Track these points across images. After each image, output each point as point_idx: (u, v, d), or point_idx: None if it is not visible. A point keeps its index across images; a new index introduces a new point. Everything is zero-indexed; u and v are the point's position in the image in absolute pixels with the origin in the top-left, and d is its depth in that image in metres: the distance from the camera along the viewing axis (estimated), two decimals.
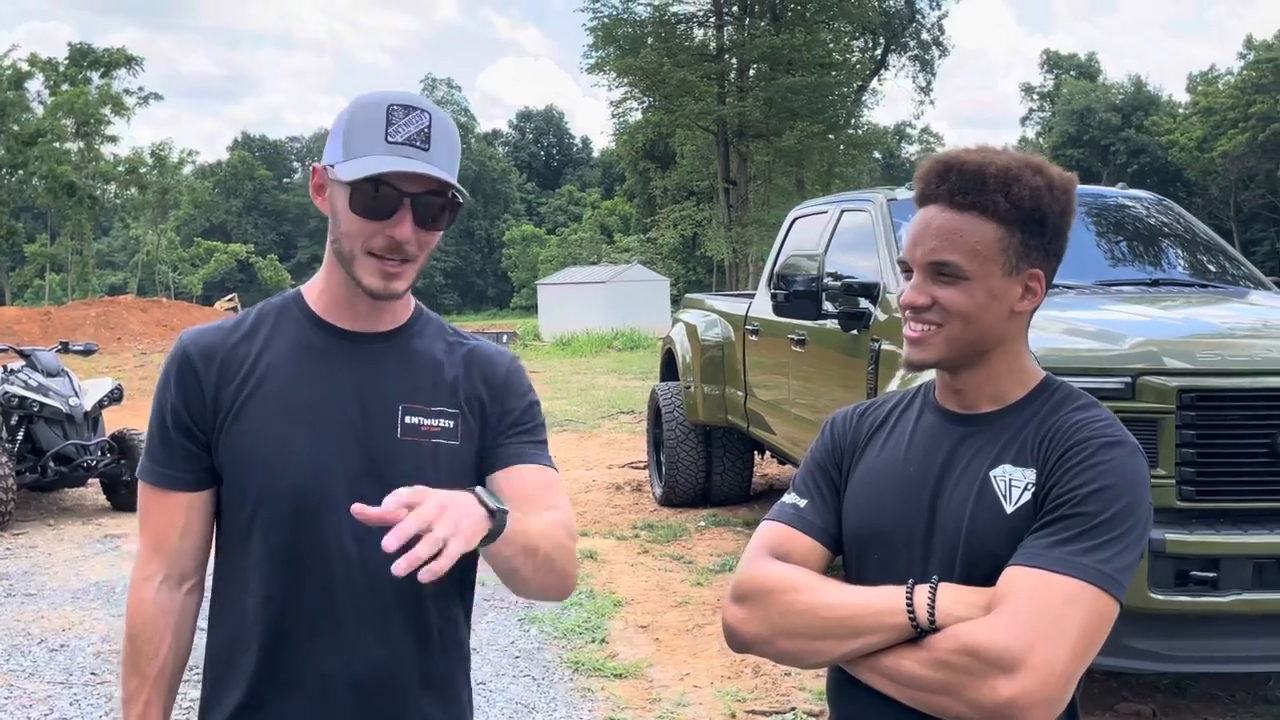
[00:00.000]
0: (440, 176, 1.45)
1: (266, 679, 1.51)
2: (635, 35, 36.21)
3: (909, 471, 1.48)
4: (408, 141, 1.45)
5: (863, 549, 1.50)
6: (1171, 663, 3.63)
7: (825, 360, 5.72)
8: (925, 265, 1.43)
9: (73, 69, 56.66)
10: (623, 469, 9.90)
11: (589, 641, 5.10)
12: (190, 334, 1.58)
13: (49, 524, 7.96)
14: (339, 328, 1.56)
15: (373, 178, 1.43)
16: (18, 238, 56.94)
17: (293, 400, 1.51)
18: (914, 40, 43.79)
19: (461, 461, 1.57)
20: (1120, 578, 1.31)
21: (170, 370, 1.56)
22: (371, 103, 1.48)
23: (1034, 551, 1.32)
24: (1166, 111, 62.51)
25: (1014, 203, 1.40)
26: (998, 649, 1.25)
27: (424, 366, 1.59)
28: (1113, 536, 1.31)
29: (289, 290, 1.65)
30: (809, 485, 1.57)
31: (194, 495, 1.56)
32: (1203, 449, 3.61)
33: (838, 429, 1.61)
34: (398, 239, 1.46)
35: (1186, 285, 5.19)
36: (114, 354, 26.19)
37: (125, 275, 74.09)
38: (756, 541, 1.53)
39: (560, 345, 31.30)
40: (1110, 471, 1.34)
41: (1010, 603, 1.28)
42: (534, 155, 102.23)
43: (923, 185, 1.46)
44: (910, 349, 1.46)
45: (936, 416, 1.51)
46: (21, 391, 7.81)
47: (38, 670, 4.80)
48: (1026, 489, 1.38)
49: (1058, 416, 1.42)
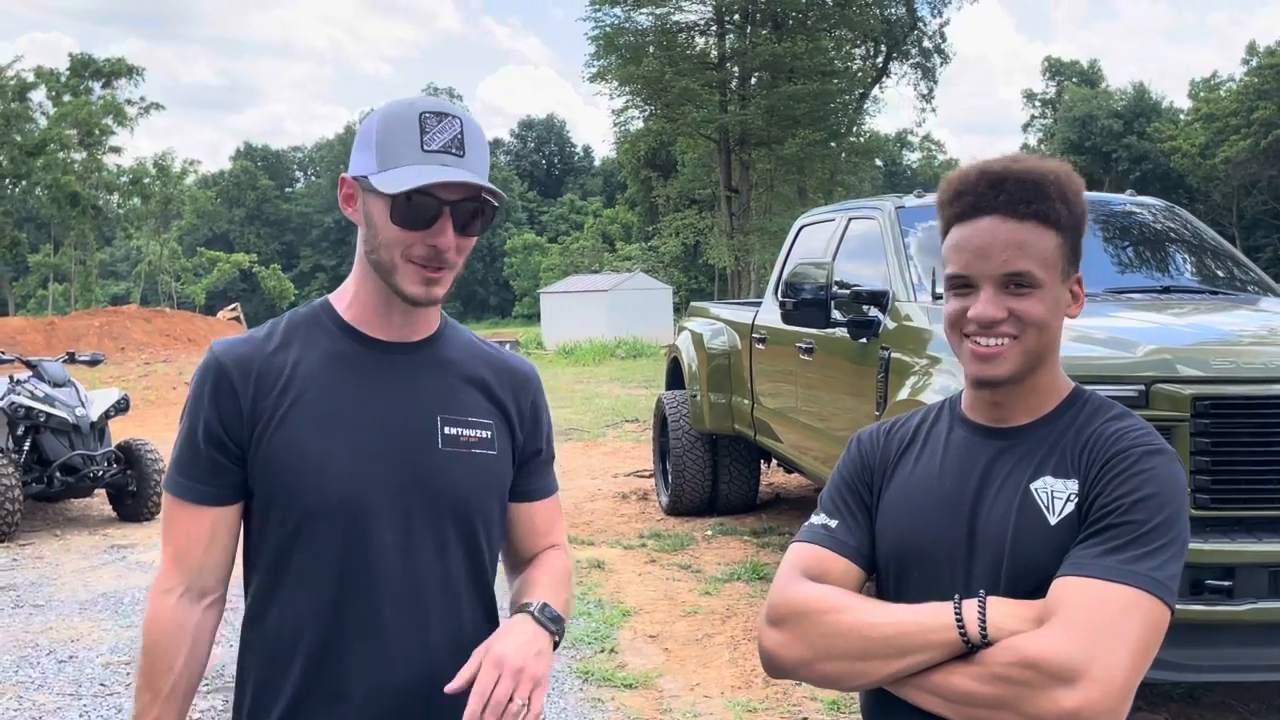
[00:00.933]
0: (482, 184, 1.46)
1: (312, 691, 1.50)
2: (637, 44, 36.25)
3: (945, 487, 1.46)
4: (444, 149, 1.45)
5: (902, 567, 1.48)
6: (1185, 671, 3.61)
7: (834, 369, 5.71)
8: (997, 278, 1.39)
9: (74, 79, 56.77)
10: (628, 478, 9.89)
11: (598, 651, 5.08)
12: (222, 345, 1.56)
13: (56, 534, 7.95)
14: (373, 338, 1.56)
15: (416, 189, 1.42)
16: (21, 248, 56.95)
17: (333, 412, 1.49)
18: (915, 48, 43.79)
19: (498, 471, 1.59)
20: (1171, 585, 1.31)
21: (205, 382, 1.52)
22: (402, 111, 1.47)
23: (1085, 561, 1.31)
24: (1169, 118, 62.54)
25: (1070, 210, 1.41)
26: (1059, 660, 1.24)
27: (457, 376, 1.59)
28: (1161, 544, 1.31)
29: (315, 300, 1.64)
30: (838, 505, 1.55)
31: (221, 509, 1.53)
32: (1217, 457, 3.59)
33: (865, 447, 1.59)
34: (440, 247, 1.46)
35: (1197, 292, 5.17)
36: (118, 364, 26.20)
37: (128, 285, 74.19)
38: (789, 563, 1.51)
39: (563, 354, 31.30)
40: (1154, 479, 1.34)
41: (1066, 613, 1.27)
42: (535, 164, 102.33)
43: (974, 197, 1.42)
44: (982, 366, 1.41)
45: (968, 431, 1.50)
46: (28, 402, 7.81)
47: (46, 682, 4.78)
48: (1069, 500, 1.37)
49: (1094, 426, 1.41)
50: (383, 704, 1.51)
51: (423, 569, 1.52)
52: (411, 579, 1.50)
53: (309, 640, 1.50)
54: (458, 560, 1.54)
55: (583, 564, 6.56)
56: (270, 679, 1.52)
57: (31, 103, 54.55)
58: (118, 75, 57.77)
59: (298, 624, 1.50)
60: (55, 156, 52.66)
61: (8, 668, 4.96)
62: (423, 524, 1.51)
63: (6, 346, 26.41)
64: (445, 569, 1.53)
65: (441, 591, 1.53)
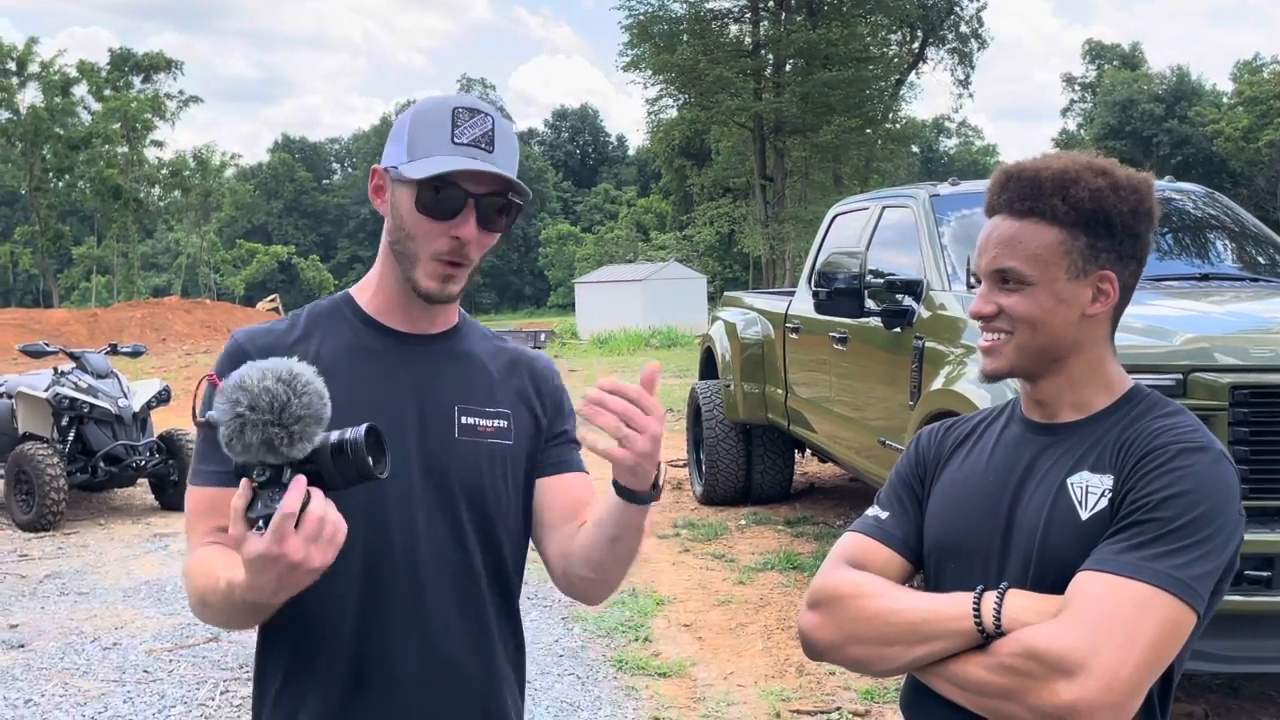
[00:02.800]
0: (508, 176, 1.48)
1: (335, 678, 1.51)
2: (671, 32, 36.21)
3: (988, 481, 1.48)
4: (474, 143, 1.48)
5: (940, 559, 1.50)
6: (1224, 663, 3.58)
7: (868, 358, 5.69)
8: (989, 274, 1.44)
9: (115, 74, 57.56)
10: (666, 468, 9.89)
11: (632, 640, 5.11)
12: (245, 333, 1.57)
13: (99, 523, 8.10)
14: (393, 329, 1.58)
15: (441, 176, 1.44)
16: (65, 241, 57.94)
17: (355, 402, 1.49)
18: (952, 33, 43.40)
19: (516, 461, 1.61)
20: (1197, 585, 1.28)
21: (227, 368, 1.49)
22: (436, 106, 1.51)
23: (1105, 556, 1.30)
24: (1210, 101, 61.46)
25: (1072, 205, 1.39)
26: (1059, 652, 1.24)
27: (475, 368, 1.61)
28: (1190, 543, 1.28)
29: (336, 294, 1.66)
30: (891, 498, 1.58)
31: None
32: (1256, 446, 3.55)
33: (923, 444, 1.62)
34: (462, 239, 1.48)
35: (1237, 279, 5.11)
36: (159, 355, 26.58)
37: (169, 277, 75.15)
38: (835, 551, 1.55)
39: (598, 343, 31.36)
40: (1189, 476, 1.32)
41: (1076, 606, 1.27)
42: (569, 154, 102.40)
43: (990, 197, 1.47)
44: (984, 359, 1.47)
45: (1020, 428, 1.51)
46: (72, 393, 7.95)
47: (91, 668, 4.88)
48: (1104, 495, 1.36)
49: (1140, 424, 1.40)
50: (405, 690, 1.52)
51: (442, 557, 1.53)
52: (431, 567, 1.52)
53: (333, 628, 1.51)
54: (475, 549, 1.56)
55: None
56: (294, 668, 1.53)
57: (74, 97, 55.38)
58: (157, 69, 58.56)
59: (321, 612, 1.50)
60: (99, 150, 53.44)
61: (54, 654, 5.07)
62: (440, 512, 1.53)
63: (51, 338, 26.88)
64: (465, 557, 1.55)
65: (461, 580, 1.54)
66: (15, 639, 5.31)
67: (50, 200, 55.84)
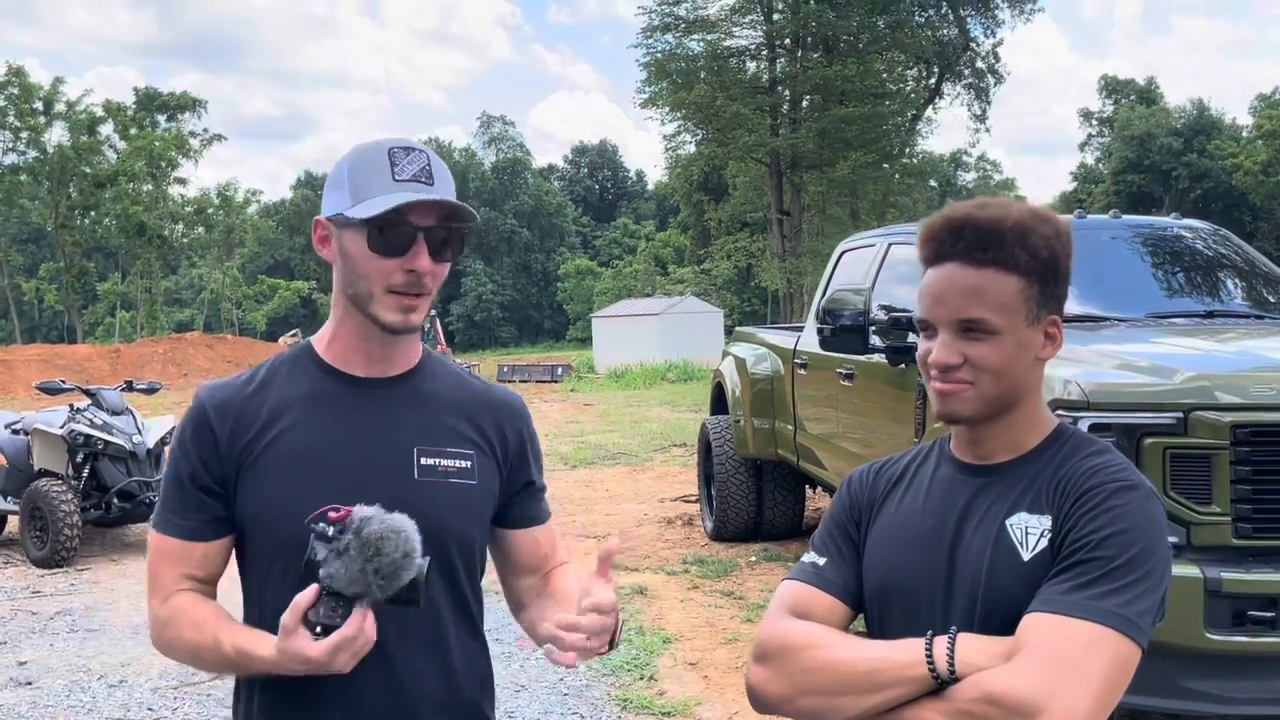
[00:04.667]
0: (455, 202, 1.52)
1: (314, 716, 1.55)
2: (688, 70, 36.47)
3: (927, 524, 1.48)
4: (414, 178, 1.52)
5: (884, 604, 1.50)
6: (1228, 704, 3.53)
7: (874, 394, 5.69)
8: (953, 323, 1.43)
9: (141, 113, 58.43)
10: (674, 502, 9.88)
11: (637, 679, 5.09)
12: (206, 389, 1.63)
13: (112, 559, 8.14)
14: (350, 375, 1.61)
15: (395, 209, 1.48)
16: (90, 277, 58.58)
17: (307, 450, 1.54)
18: (968, 68, 43.48)
19: (479, 500, 1.63)
20: (1140, 621, 1.30)
21: (187, 427, 1.59)
22: (370, 150, 1.55)
23: (1052, 597, 1.31)
24: (1229, 135, 61.32)
25: (1032, 254, 1.41)
26: (1019, 696, 1.24)
27: (437, 408, 1.63)
28: (1131, 580, 1.30)
29: (300, 343, 1.70)
30: (828, 544, 1.58)
31: (205, 544, 1.59)
32: (1259, 485, 3.52)
33: (854, 487, 1.61)
34: (417, 270, 1.51)
35: (1243, 317, 5.08)
36: (180, 390, 26.76)
37: (192, 312, 75.72)
38: (776, 601, 1.54)
39: (614, 377, 31.38)
40: (1125, 515, 1.34)
41: (1030, 649, 1.27)
42: (589, 189, 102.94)
43: (935, 244, 1.46)
44: (943, 403, 1.46)
45: (953, 469, 1.51)
46: (87, 429, 8.02)
47: (96, 706, 4.89)
48: (1043, 536, 1.38)
49: (1071, 463, 1.42)
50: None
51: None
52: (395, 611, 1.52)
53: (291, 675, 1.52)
54: (438, 588, 1.58)
55: (625, 590, 6.57)
56: (259, 710, 1.57)
57: (100, 136, 56.21)
58: (182, 109, 59.37)
59: None
60: (125, 188, 54.15)
61: (60, 692, 5.08)
62: None
63: (74, 374, 27.13)
64: (428, 599, 1.55)
65: (423, 618, 1.56)
66: (23, 676, 5.33)
67: (76, 237, 56.52)
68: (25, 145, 53.86)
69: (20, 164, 53.80)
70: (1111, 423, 3.60)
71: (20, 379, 28.49)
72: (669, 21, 36.12)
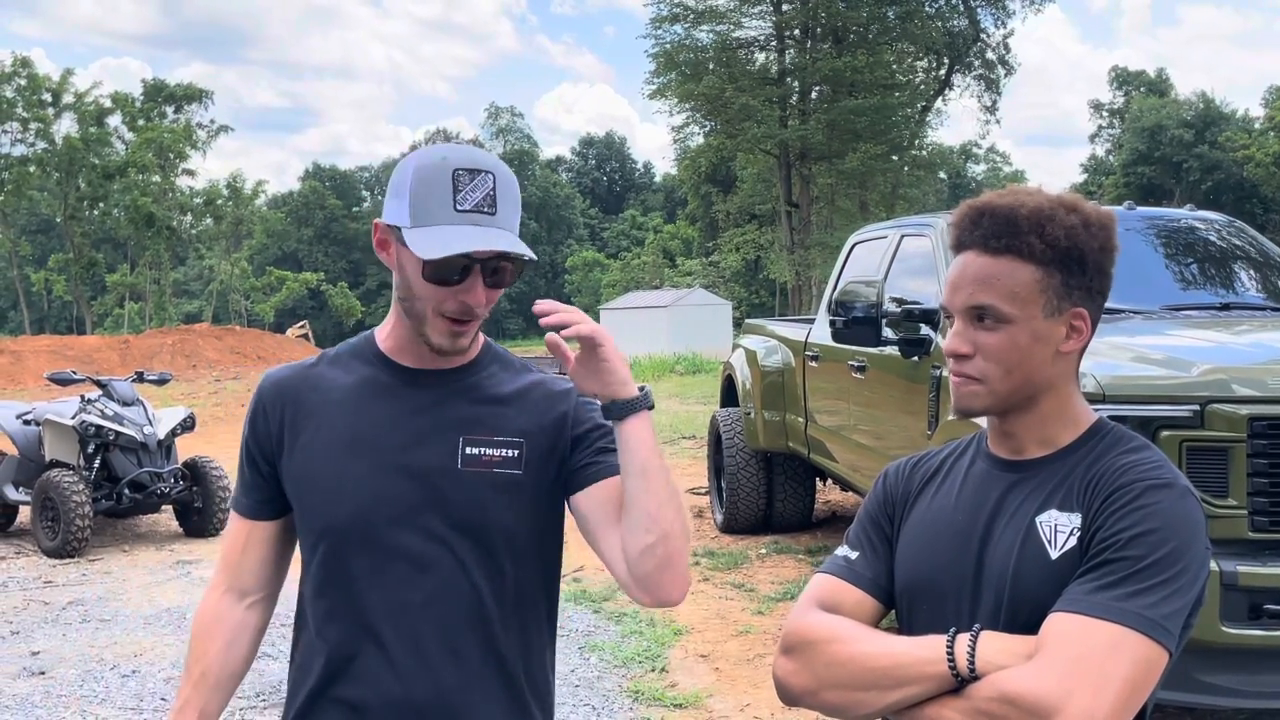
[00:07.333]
0: (510, 251, 1.49)
1: (327, 700, 1.59)
2: (697, 61, 36.38)
3: (958, 520, 1.46)
4: (476, 208, 1.48)
5: (913, 600, 1.49)
6: (1245, 698, 3.52)
7: (886, 387, 5.67)
8: (965, 311, 1.42)
9: (149, 104, 58.53)
10: (684, 494, 9.89)
11: (649, 670, 5.09)
12: (268, 373, 1.71)
13: (124, 550, 8.16)
14: (404, 366, 1.63)
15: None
16: (99, 268, 58.78)
17: (354, 434, 1.59)
18: (978, 60, 43.25)
19: (526, 491, 1.60)
20: (1168, 624, 1.27)
21: (250, 408, 1.69)
22: (436, 166, 1.50)
23: (1076, 597, 1.29)
24: (1241, 126, 60.97)
25: (1049, 243, 1.39)
26: (1035, 696, 1.23)
27: (488, 399, 1.63)
28: (1160, 580, 1.28)
29: (366, 332, 1.73)
30: (861, 538, 1.56)
31: (259, 523, 1.70)
32: (1275, 478, 3.50)
33: (890, 481, 1.60)
34: (470, 304, 1.52)
35: (1259, 309, 5.05)
36: (189, 381, 26.84)
37: (201, 304, 75.93)
38: (806, 593, 1.53)
39: None
40: (1157, 514, 1.31)
41: (1050, 650, 1.26)
42: (596, 181, 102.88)
43: (958, 232, 1.45)
44: (958, 396, 1.45)
45: (987, 464, 1.50)
46: (98, 420, 8.04)
47: (109, 696, 4.91)
48: (1072, 534, 1.35)
49: (1105, 460, 1.39)
50: (400, 717, 1.56)
51: (443, 586, 1.56)
52: (430, 595, 1.55)
53: (324, 653, 1.58)
54: (480, 578, 1.57)
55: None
56: (297, 686, 1.63)
57: (108, 127, 56.34)
58: (189, 100, 59.47)
59: (322, 636, 1.59)
60: (134, 179, 54.28)
61: (73, 681, 5.10)
62: (441, 542, 1.56)
63: (83, 365, 27.22)
64: (471, 586, 1.56)
65: (465, 608, 1.56)
66: (36, 666, 5.35)
67: (84, 228, 56.69)
68: (34, 137, 54.00)
69: (29, 155, 53.95)
70: (1127, 415, 3.57)
71: (29, 370, 28.55)
72: (678, 12, 36.02)
